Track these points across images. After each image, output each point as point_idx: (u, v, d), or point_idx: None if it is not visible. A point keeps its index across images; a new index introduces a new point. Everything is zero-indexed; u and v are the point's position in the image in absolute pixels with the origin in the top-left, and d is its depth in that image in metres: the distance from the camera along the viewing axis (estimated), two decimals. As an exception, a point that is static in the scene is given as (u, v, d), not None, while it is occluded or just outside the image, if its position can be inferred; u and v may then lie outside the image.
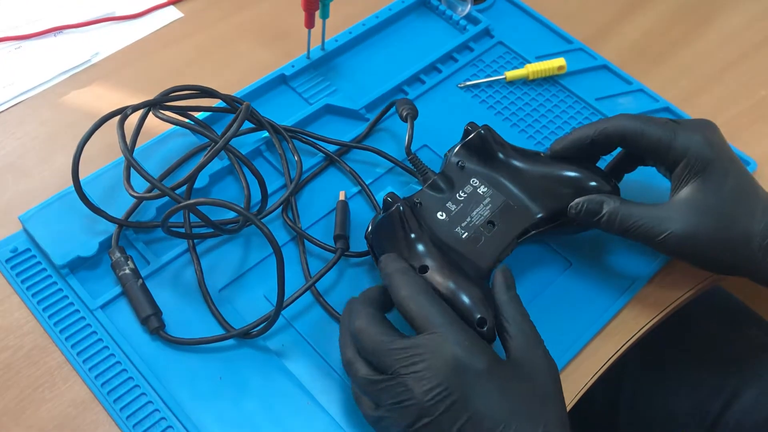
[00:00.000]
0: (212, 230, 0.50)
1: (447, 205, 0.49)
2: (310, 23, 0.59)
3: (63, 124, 0.58)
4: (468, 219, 0.48)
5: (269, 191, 0.53)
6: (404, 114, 0.55)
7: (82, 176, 0.49)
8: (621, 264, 0.53)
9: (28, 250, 0.50)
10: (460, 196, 0.49)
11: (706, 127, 0.51)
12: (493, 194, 0.49)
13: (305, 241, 0.52)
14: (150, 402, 0.45)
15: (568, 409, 0.47)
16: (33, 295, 0.48)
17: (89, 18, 0.65)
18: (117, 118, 0.49)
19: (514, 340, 0.42)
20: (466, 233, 0.48)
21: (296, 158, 0.55)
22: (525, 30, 0.67)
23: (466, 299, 0.43)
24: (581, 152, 0.51)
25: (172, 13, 0.66)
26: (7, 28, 0.63)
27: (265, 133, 0.56)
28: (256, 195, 0.53)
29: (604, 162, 0.55)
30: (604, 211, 0.49)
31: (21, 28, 0.64)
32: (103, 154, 0.54)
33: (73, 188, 0.49)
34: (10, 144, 0.56)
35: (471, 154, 0.51)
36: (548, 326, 0.49)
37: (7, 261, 0.49)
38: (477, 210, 0.49)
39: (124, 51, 0.63)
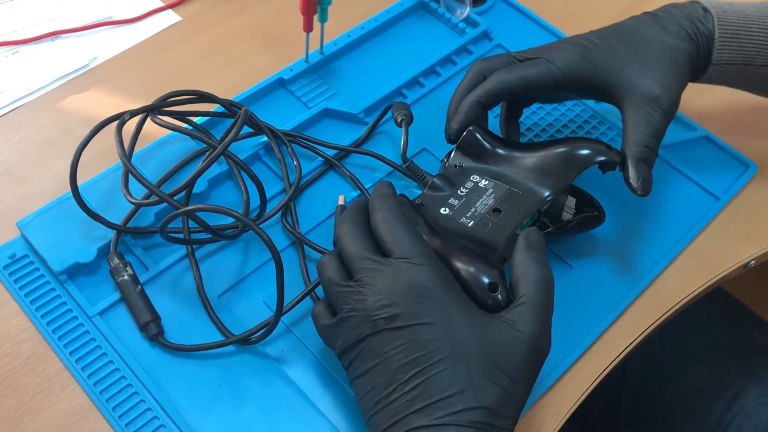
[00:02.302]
0: (211, 236, 0.49)
1: (449, 201, 0.48)
2: (308, 27, 0.59)
3: (61, 129, 0.57)
4: (473, 210, 0.47)
5: (268, 196, 0.53)
6: (399, 119, 0.54)
7: (79, 182, 0.49)
8: (622, 267, 0.53)
9: (26, 256, 0.50)
10: (461, 191, 0.48)
11: (570, 43, 0.53)
12: (495, 185, 0.48)
13: (305, 245, 0.52)
14: (149, 409, 0.44)
15: (571, 412, 0.47)
16: (31, 302, 0.48)
17: (87, 22, 0.65)
18: (115, 123, 0.49)
19: (520, 302, 0.41)
20: (472, 222, 0.47)
21: (295, 163, 0.54)
22: (524, 32, 0.67)
23: (471, 268, 0.42)
24: (475, 120, 0.52)
25: (170, 17, 0.66)
26: (4, 33, 0.63)
27: (264, 138, 0.56)
28: (255, 200, 0.52)
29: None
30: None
31: (18, 32, 0.63)
32: (101, 159, 0.54)
33: (71, 194, 0.49)
34: (8, 150, 0.56)
35: (466, 155, 0.50)
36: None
37: (5, 267, 0.49)
38: (481, 200, 0.48)
39: (122, 55, 0.63)
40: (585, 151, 0.49)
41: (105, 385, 0.45)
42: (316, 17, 0.58)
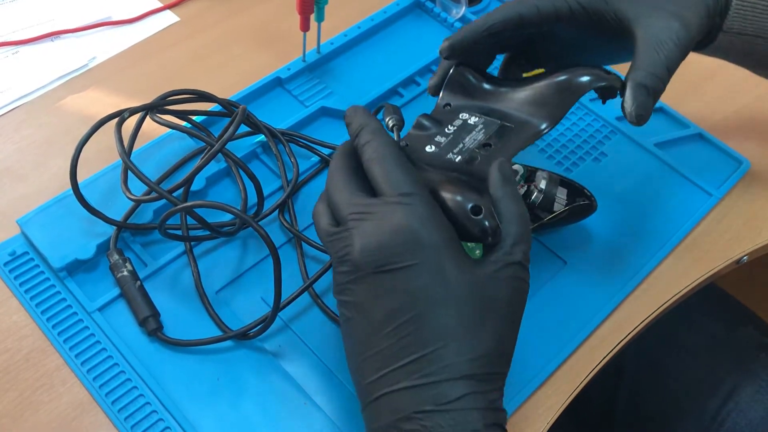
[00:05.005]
0: (209, 232, 0.50)
1: (436, 138, 0.44)
2: (305, 26, 0.59)
3: (60, 128, 0.58)
4: (460, 145, 0.44)
5: (266, 193, 0.54)
6: (390, 125, 0.53)
7: (79, 180, 0.50)
8: (616, 263, 0.53)
9: (26, 253, 0.50)
10: (448, 129, 0.45)
11: None
12: (486, 121, 0.45)
13: (302, 242, 0.52)
14: (148, 403, 0.45)
15: (564, 408, 0.47)
16: (31, 298, 0.48)
17: (86, 23, 0.65)
18: (114, 121, 0.50)
19: (501, 242, 0.38)
20: (460, 157, 0.43)
21: (292, 161, 0.55)
22: (519, 32, 0.67)
23: (457, 197, 0.39)
24: (473, 44, 0.48)
25: (169, 18, 0.67)
26: (4, 33, 0.64)
27: (261, 136, 0.56)
28: (253, 197, 0.53)
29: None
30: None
31: (18, 33, 0.64)
32: (101, 157, 0.55)
33: (71, 191, 0.49)
34: (8, 148, 0.56)
35: (455, 92, 0.48)
36: (543, 325, 0.50)
37: (5, 264, 0.50)
38: (470, 136, 0.44)
39: (120, 55, 0.63)
40: (583, 78, 0.45)
41: (104, 379, 0.46)
42: (312, 17, 0.59)
